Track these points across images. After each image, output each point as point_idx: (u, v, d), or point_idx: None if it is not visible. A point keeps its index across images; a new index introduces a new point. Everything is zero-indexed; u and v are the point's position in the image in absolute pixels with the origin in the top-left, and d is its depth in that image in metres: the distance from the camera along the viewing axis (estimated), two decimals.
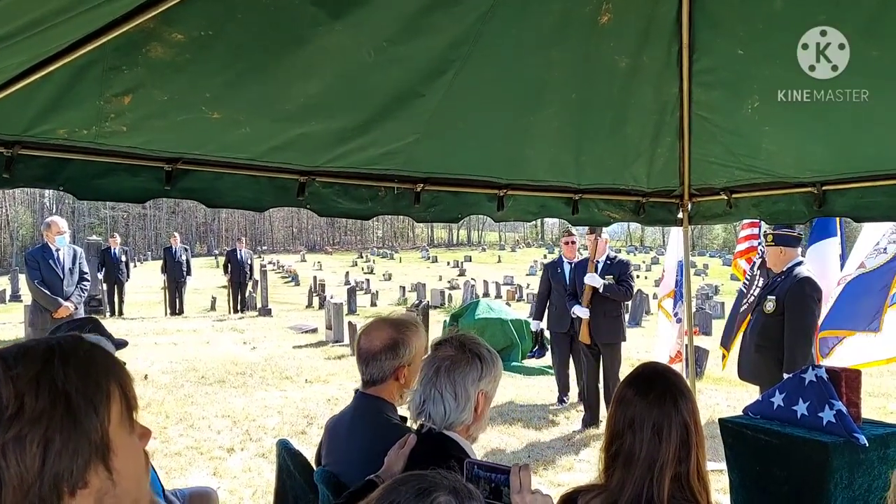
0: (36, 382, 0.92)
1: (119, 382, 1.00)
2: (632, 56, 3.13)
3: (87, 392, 0.94)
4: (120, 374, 1.01)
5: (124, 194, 2.82)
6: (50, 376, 0.93)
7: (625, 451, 1.77)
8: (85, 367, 0.97)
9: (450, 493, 1.12)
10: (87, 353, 1.00)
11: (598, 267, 6.95)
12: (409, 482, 1.15)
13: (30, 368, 0.93)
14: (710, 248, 73.53)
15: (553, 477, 5.47)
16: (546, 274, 7.99)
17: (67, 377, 0.94)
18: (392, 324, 2.39)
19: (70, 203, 65.10)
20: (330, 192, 3.20)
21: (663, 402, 1.78)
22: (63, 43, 2.08)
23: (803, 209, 3.60)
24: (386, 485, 1.16)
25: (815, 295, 4.87)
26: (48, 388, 0.92)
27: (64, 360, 0.96)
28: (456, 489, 1.14)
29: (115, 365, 1.02)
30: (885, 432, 3.03)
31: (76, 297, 7.49)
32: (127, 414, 1.00)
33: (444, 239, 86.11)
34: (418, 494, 1.11)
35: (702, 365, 9.74)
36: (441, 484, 1.14)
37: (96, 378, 0.97)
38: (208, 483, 4.75)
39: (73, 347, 0.99)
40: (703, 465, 1.81)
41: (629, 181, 3.86)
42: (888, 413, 7.64)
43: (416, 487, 1.13)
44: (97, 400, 0.95)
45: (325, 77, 2.67)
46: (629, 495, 1.73)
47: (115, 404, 0.98)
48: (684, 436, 1.76)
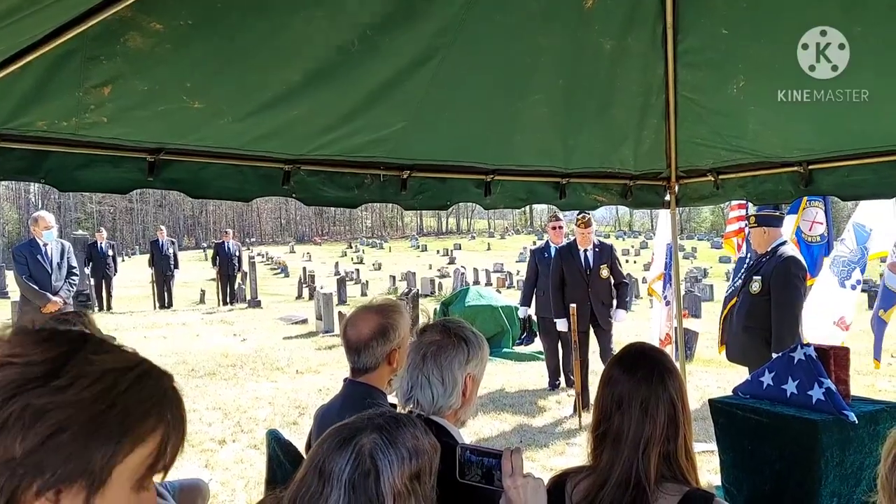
0: (100, 375, 0.85)
1: (166, 433, 0.89)
2: (617, 38, 3.12)
3: (128, 417, 0.85)
4: (174, 425, 0.91)
5: (107, 185, 2.79)
6: (115, 380, 0.86)
7: (613, 430, 1.76)
8: (147, 395, 0.89)
9: (374, 431, 1.07)
10: (157, 384, 0.91)
11: (589, 255, 7.09)
12: (330, 435, 1.10)
13: (108, 362, 0.86)
14: (699, 232, 73.87)
15: (545, 461, 5.49)
16: (533, 259, 7.96)
17: (127, 391, 0.86)
18: (377, 310, 2.38)
19: (56, 198, 64.56)
20: (315, 180, 3.18)
21: (650, 380, 1.78)
22: (40, 33, 2.05)
23: (790, 188, 3.61)
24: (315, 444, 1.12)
25: (801, 273, 4.89)
26: (102, 388, 0.84)
27: (139, 378, 0.88)
28: (380, 426, 1.09)
29: (174, 414, 0.92)
30: (875, 409, 3.05)
31: (65, 292, 7.44)
32: (148, 469, 0.88)
33: (434, 228, 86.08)
34: (340, 445, 1.06)
35: (691, 347, 9.80)
36: (363, 427, 1.08)
37: (147, 412, 0.88)
38: (200, 475, 4.73)
39: (156, 374, 0.92)
40: (691, 444, 1.80)
41: (616, 164, 3.85)
42: (877, 391, 7.71)
43: (338, 438, 1.08)
44: (129, 431, 0.85)
45: (308, 64, 2.65)
46: (618, 475, 1.72)
47: (143, 451, 0.86)
48: (671, 413, 1.75)
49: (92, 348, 0.87)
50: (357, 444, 1.04)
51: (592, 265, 7.11)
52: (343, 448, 1.04)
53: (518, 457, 1.53)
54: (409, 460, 1.11)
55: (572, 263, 7.16)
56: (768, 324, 4.84)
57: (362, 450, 1.05)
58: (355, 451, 1.05)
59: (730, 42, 3.07)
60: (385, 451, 1.05)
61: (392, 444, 1.07)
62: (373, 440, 1.05)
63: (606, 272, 7.11)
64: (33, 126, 2.45)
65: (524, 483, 1.50)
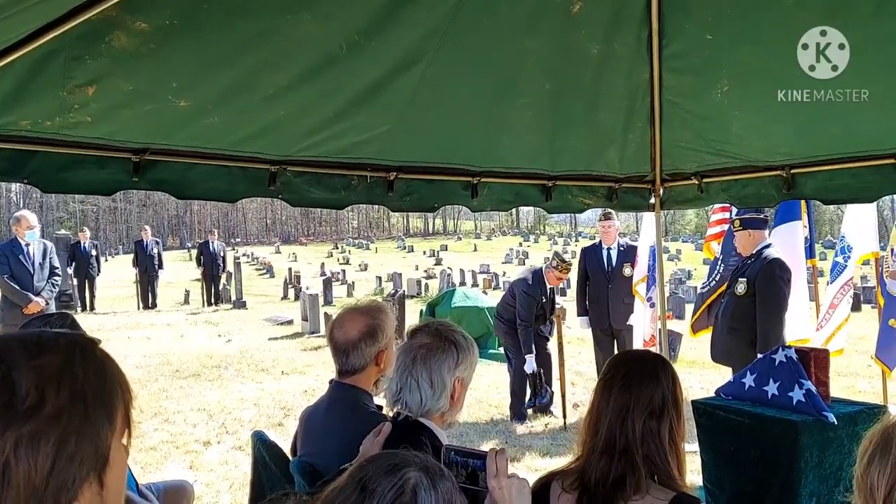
0: (59, 376, 0.84)
1: (125, 392, 0.93)
2: (603, 43, 3.14)
3: (103, 397, 0.88)
4: (125, 384, 0.95)
5: (91, 187, 2.77)
6: (72, 373, 0.86)
7: (596, 409, 1.80)
8: (101, 370, 0.91)
9: (420, 470, 1.12)
10: (102, 356, 0.93)
11: (613, 253, 7.07)
12: (381, 459, 1.15)
13: (53, 360, 0.85)
14: (683, 234, 74.26)
15: (530, 462, 5.51)
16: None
17: (87, 377, 0.87)
18: (363, 311, 2.39)
19: (38, 197, 63.81)
20: (302, 181, 3.18)
21: (641, 363, 1.83)
22: (23, 32, 2.04)
23: (773, 192, 3.65)
24: (358, 463, 1.16)
25: (785, 276, 4.95)
26: (69, 386, 0.84)
27: (84, 358, 0.89)
28: (427, 467, 1.14)
29: (122, 374, 0.95)
30: (854, 410, 3.09)
31: (47, 293, 7.37)
32: (125, 427, 0.93)
33: (420, 228, 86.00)
34: (389, 470, 1.11)
35: (675, 348, 9.86)
36: (412, 461, 1.13)
37: (111, 384, 0.91)
38: (185, 476, 4.71)
39: (90, 346, 0.92)
40: (679, 436, 1.80)
41: (602, 167, 3.88)
42: (857, 392, 7.80)
43: (388, 463, 1.12)
44: (110, 407, 0.89)
45: (295, 66, 2.65)
46: (602, 442, 1.73)
47: (120, 415, 0.91)
48: (653, 391, 1.77)
49: (26, 355, 0.86)
50: (404, 475, 1.10)
51: (615, 263, 7.08)
52: (391, 473, 1.10)
53: (502, 457, 1.54)
54: None
55: (595, 261, 7.16)
56: (753, 325, 4.89)
57: (408, 482, 1.10)
58: (402, 480, 1.10)
59: (714, 47, 3.10)
60: (427, 491, 1.11)
61: (434, 487, 1.13)
62: (418, 477, 1.11)
63: (630, 271, 7.03)
64: (16, 126, 2.43)
65: (508, 484, 1.51)
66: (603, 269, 7.11)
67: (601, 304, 6.97)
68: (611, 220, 7.11)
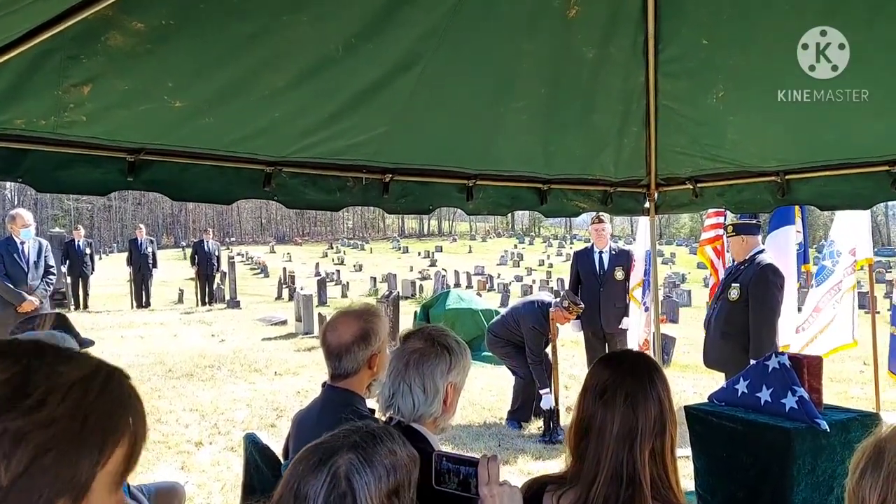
0: (69, 388, 0.83)
1: (135, 433, 0.89)
2: (599, 47, 3.14)
3: (104, 425, 0.85)
4: (140, 424, 0.91)
5: (86, 186, 2.76)
6: (84, 390, 0.84)
7: (596, 424, 1.67)
8: (116, 400, 0.88)
9: (350, 451, 1.07)
10: (121, 385, 0.90)
11: (605, 257, 7.07)
12: (309, 453, 1.09)
13: (73, 373, 0.84)
14: (678, 237, 74.41)
15: (522, 466, 5.51)
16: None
17: (96, 401, 0.85)
18: (357, 315, 2.39)
19: (32, 194, 63.58)
20: (297, 182, 3.17)
21: (637, 373, 1.71)
22: (19, 31, 2.03)
23: (768, 198, 3.66)
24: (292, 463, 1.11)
25: (778, 281, 4.97)
26: (75, 401, 0.83)
27: (105, 383, 0.87)
28: (356, 444, 1.08)
29: (139, 413, 0.92)
30: (847, 417, 3.09)
31: (41, 291, 7.35)
32: (122, 469, 0.88)
33: (416, 229, 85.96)
34: (317, 465, 1.06)
35: (669, 353, 9.89)
36: (339, 447, 1.08)
37: (119, 416, 0.88)
38: (176, 478, 4.69)
39: (118, 376, 0.90)
40: (675, 445, 1.74)
41: (597, 171, 3.88)
42: (849, 398, 7.82)
43: (316, 459, 1.07)
44: (107, 438, 0.85)
45: (291, 67, 2.65)
46: (606, 472, 1.63)
47: (119, 453, 0.87)
48: (657, 411, 1.68)
49: (51, 360, 0.85)
50: (333, 465, 1.04)
51: (607, 267, 7.09)
52: (318, 470, 1.04)
53: (494, 464, 1.54)
54: (386, 478, 1.10)
55: (587, 265, 7.17)
56: (746, 330, 4.91)
57: (338, 471, 1.04)
58: (331, 474, 1.04)
59: (710, 52, 3.11)
60: (361, 472, 1.05)
61: (368, 462, 1.06)
62: (348, 461, 1.05)
63: (621, 274, 7.05)
64: (11, 124, 2.42)
65: (500, 491, 1.51)
66: (595, 272, 7.12)
67: (593, 307, 6.96)
68: (603, 224, 7.11)
